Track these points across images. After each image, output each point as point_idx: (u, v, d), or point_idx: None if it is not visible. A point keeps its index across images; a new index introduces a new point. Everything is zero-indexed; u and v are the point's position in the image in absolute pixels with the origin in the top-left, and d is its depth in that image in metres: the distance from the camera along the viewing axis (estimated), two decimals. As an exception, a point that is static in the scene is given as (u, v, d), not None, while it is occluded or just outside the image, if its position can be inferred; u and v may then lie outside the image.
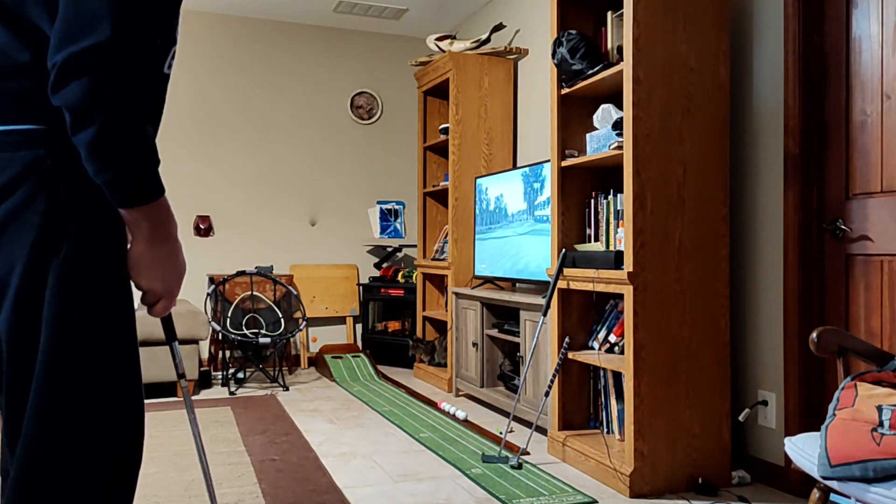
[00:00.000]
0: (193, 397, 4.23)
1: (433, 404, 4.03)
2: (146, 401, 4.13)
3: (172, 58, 1.16)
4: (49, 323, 0.98)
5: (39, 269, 0.98)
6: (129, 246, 1.07)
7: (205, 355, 5.25)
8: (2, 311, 0.99)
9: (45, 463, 0.98)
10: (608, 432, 3.01)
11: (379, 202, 5.55)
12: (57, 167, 1.00)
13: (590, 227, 3.06)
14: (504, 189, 3.99)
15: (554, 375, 2.94)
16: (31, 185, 0.99)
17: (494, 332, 3.85)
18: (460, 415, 3.71)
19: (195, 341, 4.23)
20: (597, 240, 3.01)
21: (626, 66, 2.59)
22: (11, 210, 0.98)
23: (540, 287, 3.80)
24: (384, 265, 5.64)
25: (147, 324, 4.06)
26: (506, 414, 3.80)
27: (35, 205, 0.98)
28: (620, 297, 2.92)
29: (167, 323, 1.44)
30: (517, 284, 4.20)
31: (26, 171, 0.99)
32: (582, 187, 3.10)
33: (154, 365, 4.10)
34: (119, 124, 0.95)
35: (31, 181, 0.99)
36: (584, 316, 3.08)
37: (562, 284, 3.00)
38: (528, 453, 3.08)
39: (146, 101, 1.03)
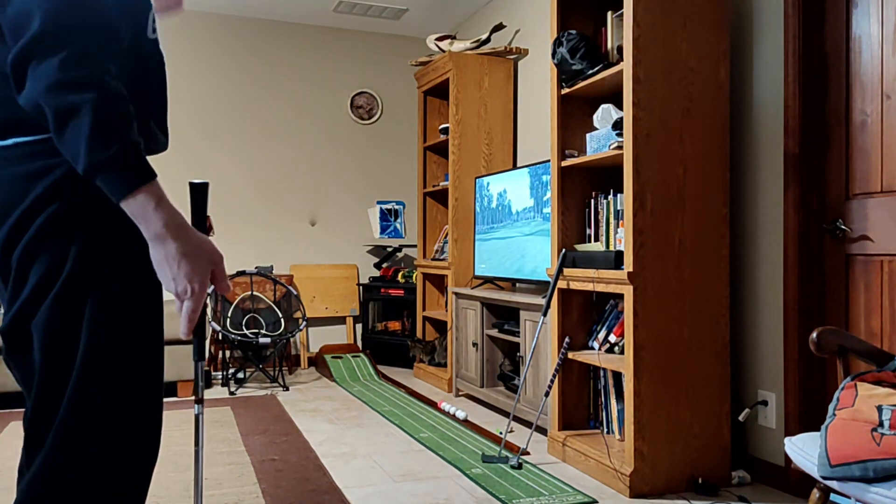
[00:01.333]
0: (193, 397, 4.23)
1: (433, 404, 4.03)
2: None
3: (154, 21, 1.15)
4: (91, 323, 1.02)
5: (84, 272, 1.01)
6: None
7: (205, 355, 5.24)
8: (42, 309, 1.01)
9: (71, 460, 1.02)
10: (608, 432, 3.01)
11: (379, 202, 5.55)
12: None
13: (590, 227, 3.06)
14: (510, 188, 3.98)
15: (554, 375, 2.94)
16: (77, 188, 1.02)
17: (494, 332, 3.85)
18: (460, 415, 3.71)
19: (195, 341, 4.23)
20: (597, 240, 3.01)
21: (626, 66, 2.59)
22: (62, 210, 1.01)
23: (540, 287, 3.80)
24: (384, 265, 5.64)
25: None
26: (506, 414, 3.80)
27: (84, 205, 1.02)
28: (620, 297, 2.91)
29: (198, 336, 1.27)
30: (517, 284, 4.20)
31: (69, 176, 1.01)
32: (582, 187, 3.10)
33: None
34: (76, 112, 0.92)
35: (73, 184, 1.02)
36: (584, 316, 3.08)
37: (562, 284, 3.00)
38: (528, 453, 3.08)
39: (119, 77, 0.99)
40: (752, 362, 2.78)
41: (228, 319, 4.56)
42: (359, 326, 5.63)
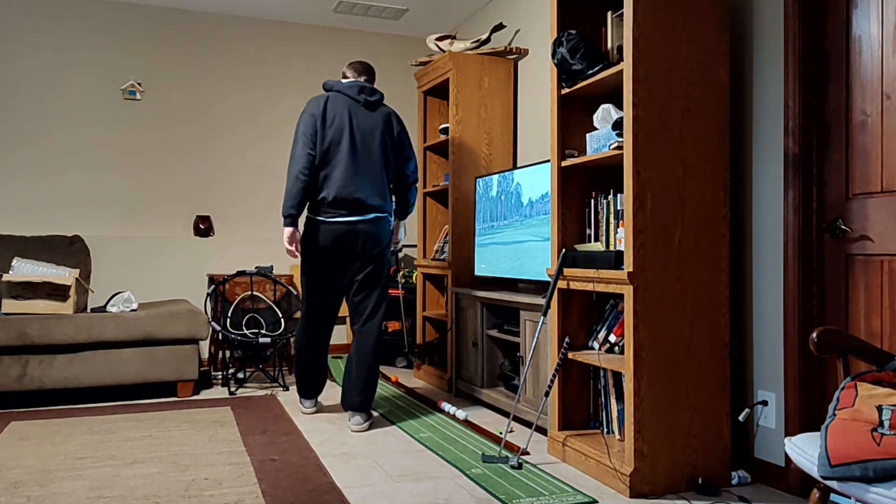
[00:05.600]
0: (194, 397, 4.23)
1: (433, 404, 4.03)
2: (143, 401, 4.12)
3: None
4: (384, 268, 3.57)
5: (384, 250, 3.54)
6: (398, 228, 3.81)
7: (205, 355, 5.25)
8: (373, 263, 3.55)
9: (378, 311, 3.55)
10: (608, 432, 3.01)
11: (379, 202, 5.53)
12: (388, 221, 3.54)
13: (590, 227, 3.06)
14: (525, 186, 3.96)
15: (554, 375, 2.94)
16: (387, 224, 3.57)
17: (494, 332, 3.85)
18: (460, 415, 3.71)
19: (195, 341, 4.23)
20: (597, 240, 3.01)
21: (626, 66, 2.59)
22: (386, 231, 3.53)
23: (540, 287, 3.80)
24: (384, 265, 5.63)
25: (149, 324, 4.05)
26: (506, 414, 3.80)
27: (388, 231, 3.55)
28: (620, 297, 2.92)
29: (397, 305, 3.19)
30: (517, 284, 4.19)
31: (387, 221, 3.57)
32: (582, 187, 3.10)
33: (154, 365, 4.10)
34: (413, 204, 3.74)
35: (388, 223, 3.57)
36: (584, 316, 3.08)
37: (562, 284, 3.00)
38: (528, 453, 3.08)
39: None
40: (752, 362, 2.78)
41: (228, 319, 4.56)
42: (359, 326, 5.62)
